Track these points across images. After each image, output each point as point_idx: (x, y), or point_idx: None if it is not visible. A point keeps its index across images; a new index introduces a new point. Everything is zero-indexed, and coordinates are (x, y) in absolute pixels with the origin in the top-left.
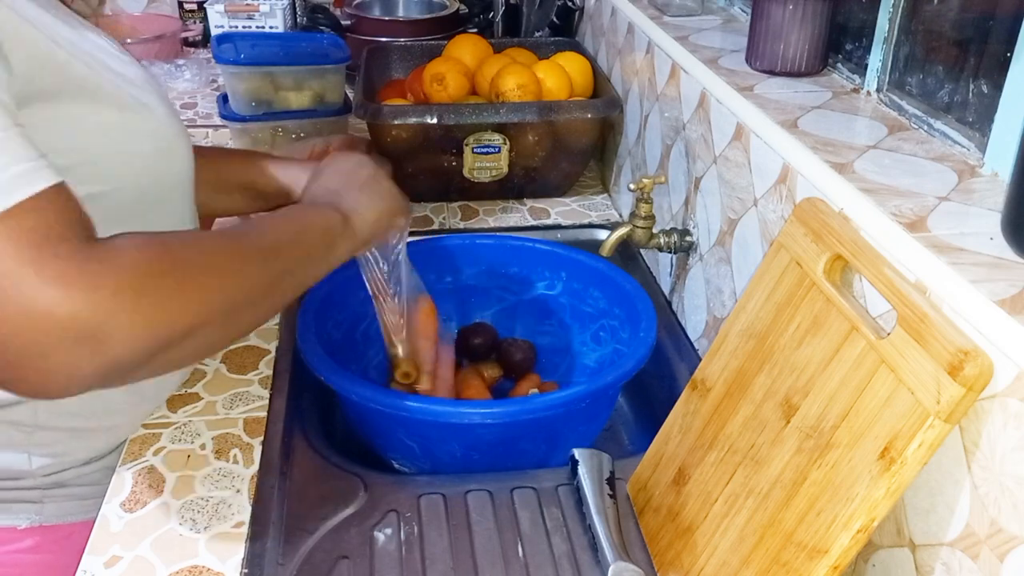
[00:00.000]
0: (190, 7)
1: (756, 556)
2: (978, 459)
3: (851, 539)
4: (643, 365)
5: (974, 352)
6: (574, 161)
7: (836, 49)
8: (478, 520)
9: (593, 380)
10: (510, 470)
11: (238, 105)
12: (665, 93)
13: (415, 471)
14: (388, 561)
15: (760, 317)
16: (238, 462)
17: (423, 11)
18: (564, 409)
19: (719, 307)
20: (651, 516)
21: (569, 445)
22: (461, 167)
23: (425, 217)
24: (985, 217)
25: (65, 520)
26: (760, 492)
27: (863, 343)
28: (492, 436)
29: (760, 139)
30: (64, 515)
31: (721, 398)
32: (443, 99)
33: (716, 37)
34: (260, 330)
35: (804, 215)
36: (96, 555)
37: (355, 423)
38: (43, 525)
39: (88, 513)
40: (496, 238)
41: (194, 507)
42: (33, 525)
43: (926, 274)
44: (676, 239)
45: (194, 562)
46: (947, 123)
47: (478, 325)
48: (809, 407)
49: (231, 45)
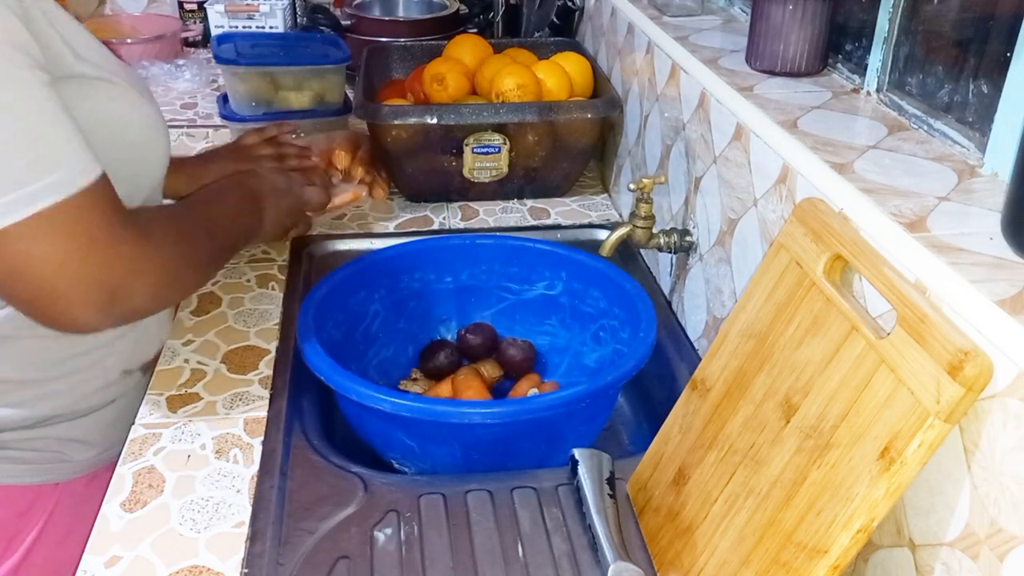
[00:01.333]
0: (190, 7)
1: (756, 556)
2: (978, 459)
3: (851, 539)
4: (643, 365)
5: (974, 352)
6: (574, 161)
7: (836, 49)
8: (478, 520)
9: (593, 380)
10: (510, 470)
11: (238, 105)
12: (665, 93)
13: (415, 471)
14: (388, 561)
15: (760, 317)
16: (238, 462)
17: (423, 11)
18: (565, 409)
19: (719, 307)
20: (651, 516)
21: (569, 445)
22: (461, 167)
23: (425, 217)
24: (985, 217)
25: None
26: (760, 492)
27: (863, 343)
28: (492, 436)
29: (760, 139)
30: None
31: (721, 398)
32: (443, 99)
33: (716, 37)
34: (260, 330)
35: (804, 215)
36: (96, 555)
37: (355, 423)
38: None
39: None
40: (496, 238)
41: (194, 507)
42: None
43: (926, 274)
44: (676, 239)
45: (194, 562)
46: (947, 123)
47: (478, 325)
48: (809, 407)
49: (231, 45)
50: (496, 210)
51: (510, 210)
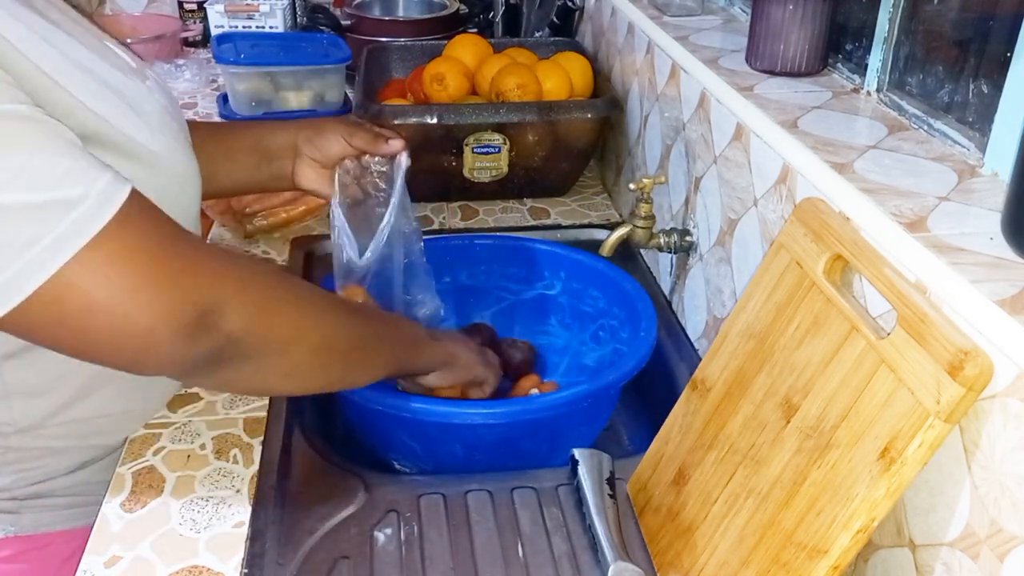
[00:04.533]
0: (190, 7)
1: (756, 556)
2: (978, 459)
3: (851, 539)
4: (644, 365)
5: (974, 352)
6: (574, 161)
7: (836, 49)
8: (478, 520)
9: (594, 380)
10: (510, 470)
11: (238, 105)
12: (665, 93)
13: (417, 471)
14: (388, 561)
15: (760, 317)
16: (238, 462)
17: (423, 11)
18: (566, 409)
19: (719, 307)
20: (651, 516)
21: (570, 445)
22: (461, 167)
23: (425, 217)
24: (985, 217)
25: (43, 530)
26: (760, 492)
27: (863, 343)
28: (494, 436)
29: (760, 139)
30: (42, 525)
31: (721, 398)
32: (443, 99)
33: (716, 37)
34: None
35: (804, 215)
36: (96, 555)
37: (356, 424)
38: (19, 535)
39: (68, 523)
40: (496, 238)
41: (194, 507)
42: (8, 536)
43: (926, 274)
44: (676, 239)
45: (194, 562)
46: (947, 123)
47: (477, 325)
48: (809, 407)
49: (231, 45)
50: (496, 210)
51: (510, 210)
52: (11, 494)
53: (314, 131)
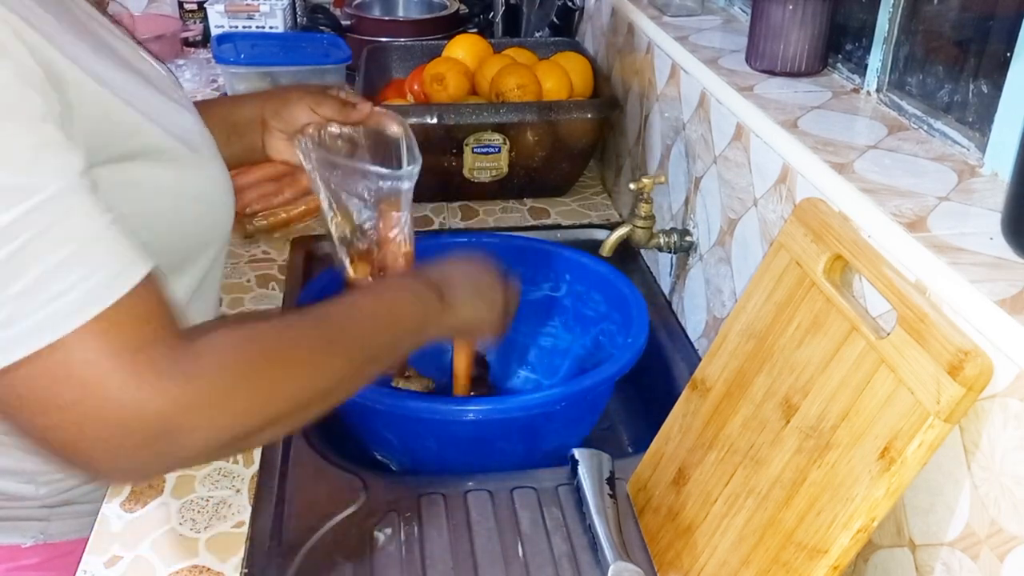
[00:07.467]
0: (190, 7)
1: (756, 556)
2: (978, 459)
3: (851, 539)
4: (627, 372)
5: (974, 352)
6: (574, 161)
7: (836, 49)
8: (478, 520)
9: (568, 384)
10: (510, 470)
11: None
12: (665, 93)
13: (397, 465)
14: (388, 561)
15: (760, 317)
16: (238, 462)
17: (423, 11)
18: (539, 411)
19: (719, 307)
20: (651, 516)
21: (550, 447)
22: (461, 167)
23: (425, 217)
24: (985, 217)
25: (69, 537)
26: (760, 492)
27: (863, 343)
28: (467, 433)
29: (760, 139)
30: (68, 532)
31: (721, 398)
32: (443, 99)
33: (716, 37)
34: None
35: (804, 215)
36: (96, 555)
37: (344, 417)
38: (47, 543)
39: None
40: (502, 237)
41: (194, 507)
42: (38, 543)
43: (926, 274)
44: (676, 239)
45: (194, 562)
46: (947, 123)
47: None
48: (809, 407)
49: (231, 45)
50: (496, 210)
51: (510, 210)
52: (42, 503)
53: (280, 102)
